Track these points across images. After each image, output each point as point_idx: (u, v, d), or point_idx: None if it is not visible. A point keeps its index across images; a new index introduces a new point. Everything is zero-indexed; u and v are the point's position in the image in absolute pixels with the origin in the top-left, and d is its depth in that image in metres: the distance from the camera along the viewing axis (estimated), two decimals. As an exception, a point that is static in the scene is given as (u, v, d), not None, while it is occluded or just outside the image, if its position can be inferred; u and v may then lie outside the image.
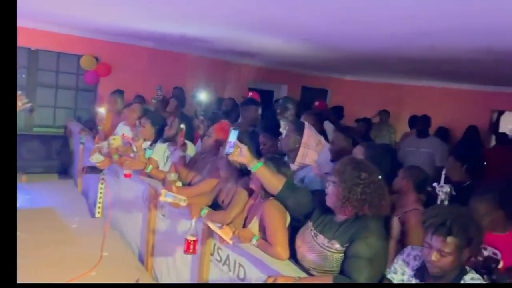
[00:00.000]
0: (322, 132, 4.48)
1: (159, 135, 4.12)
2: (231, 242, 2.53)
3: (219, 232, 2.53)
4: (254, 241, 2.46)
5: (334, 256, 2.08)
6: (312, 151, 2.86)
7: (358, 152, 2.75)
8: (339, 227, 2.12)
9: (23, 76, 6.43)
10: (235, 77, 8.06)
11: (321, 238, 2.15)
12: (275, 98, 9.44)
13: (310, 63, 7.52)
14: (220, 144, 3.33)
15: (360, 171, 2.06)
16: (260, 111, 4.44)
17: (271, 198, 2.47)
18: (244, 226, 2.68)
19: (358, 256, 1.98)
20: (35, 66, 6.51)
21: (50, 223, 4.55)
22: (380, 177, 2.11)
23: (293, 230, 2.44)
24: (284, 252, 2.34)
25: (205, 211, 2.89)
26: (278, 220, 2.40)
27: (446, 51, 4.30)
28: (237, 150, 2.23)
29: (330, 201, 2.15)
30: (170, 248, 3.40)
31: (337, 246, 2.08)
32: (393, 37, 3.87)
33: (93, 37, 6.54)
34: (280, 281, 2.01)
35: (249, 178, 2.63)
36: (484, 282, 1.78)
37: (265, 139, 3.65)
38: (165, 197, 2.89)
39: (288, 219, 2.48)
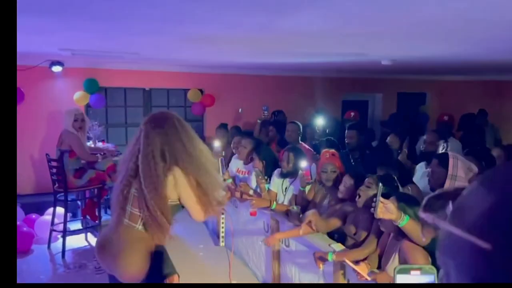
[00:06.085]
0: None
1: (269, 168, 4.28)
2: (369, 278, 2.56)
3: (356, 268, 2.56)
4: None
5: None
6: (459, 182, 2.76)
7: None
8: None
9: (140, 114, 7.14)
10: (329, 92, 8.06)
11: None
12: (370, 109, 9.27)
13: (405, 68, 7.27)
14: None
15: None
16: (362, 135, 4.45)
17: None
18: (380, 265, 2.73)
19: None
20: (149, 103, 7.21)
21: (178, 251, 4.94)
22: None
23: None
24: None
25: (332, 256, 2.85)
26: (424, 261, 2.41)
27: None
28: (381, 207, 2.27)
29: None
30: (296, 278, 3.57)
31: None
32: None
33: (197, 71, 7.08)
34: None
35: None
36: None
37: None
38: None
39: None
